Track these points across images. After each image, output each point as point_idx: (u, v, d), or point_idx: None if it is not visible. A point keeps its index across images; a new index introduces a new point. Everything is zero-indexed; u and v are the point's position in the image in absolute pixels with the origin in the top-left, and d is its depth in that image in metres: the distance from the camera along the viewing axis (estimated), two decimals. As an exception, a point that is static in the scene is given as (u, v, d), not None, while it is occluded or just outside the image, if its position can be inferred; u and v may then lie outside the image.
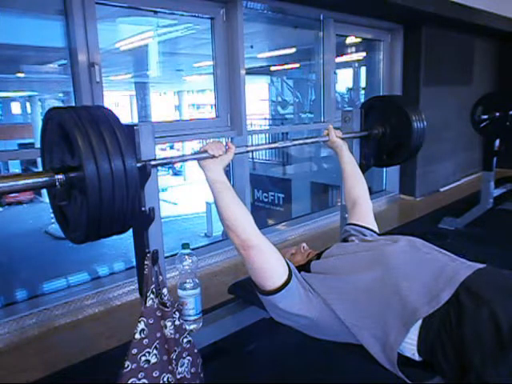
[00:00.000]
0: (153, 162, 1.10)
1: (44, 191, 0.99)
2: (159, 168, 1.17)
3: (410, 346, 0.96)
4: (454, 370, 0.91)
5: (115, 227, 0.93)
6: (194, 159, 1.21)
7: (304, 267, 1.20)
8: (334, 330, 1.08)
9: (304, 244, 1.38)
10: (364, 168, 1.86)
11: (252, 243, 1.08)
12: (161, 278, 1.12)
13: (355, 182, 1.56)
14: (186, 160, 1.25)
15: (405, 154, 1.87)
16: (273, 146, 1.51)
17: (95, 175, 0.82)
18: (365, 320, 1.02)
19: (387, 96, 2.86)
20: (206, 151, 1.19)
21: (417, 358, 0.97)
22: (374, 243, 1.24)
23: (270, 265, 1.09)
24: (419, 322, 0.95)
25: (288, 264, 1.11)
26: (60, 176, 0.90)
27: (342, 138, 1.63)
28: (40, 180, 0.90)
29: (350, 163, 1.59)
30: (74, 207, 0.92)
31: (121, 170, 0.86)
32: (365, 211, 1.46)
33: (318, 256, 1.28)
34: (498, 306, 0.89)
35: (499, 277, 1.02)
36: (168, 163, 1.23)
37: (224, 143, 1.24)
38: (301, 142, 1.63)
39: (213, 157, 1.19)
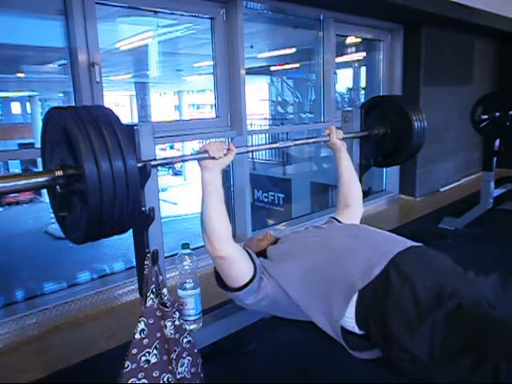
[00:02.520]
0: (153, 163, 1.09)
1: (44, 191, 0.99)
2: (159, 168, 1.17)
3: (350, 320, 1.05)
4: (381, 338, 1.00)
5: (115, 228, 0.93)
6: (194, 159, 1.21)
7: (264, 252, 1.29)
8: (288, 309, 1.17)
9: (271, 231, 1.44)
10: (364, 168, 1.86)
11: (222, 254, 1.14)
12: (161, 278, 1.12)
13: (351, 186, 1.57)
14: (187, 160, 1.26)
15: (405, 154, 1.86)
16: (274, 146, 1.51)
17: (95, 175, 0.82)
18: (312, 299, 1.11)
19: (387, 96, 2.86)
20: (206, 151, 1.18)
21: (357, 331, 1.06)
22: (323, 230, 1.34)
23: (236, 269, 1.16)
24: (355, 296, 1.03)
25: (253, 261, 1.18)
26: (60, 175, 0.89)
27: (343, 139, 1.63)
28: (40, 180, 0.90)
29: (347, 168, 1.60)
30: (73, 207, 0.92)
31: (121, 171, 0.85)
32: (354, 214, 1.52)
33: (276, 241, 1.37)
34: (418, 281, 0.97)
35: (426, 255, 1.11)
36: (168, 163, 1.23)
37: (225, 144, 1.23)
38: (302, 141, 1.63)
39: (213, 158, 1.18)
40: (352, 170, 1.61)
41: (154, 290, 1.09)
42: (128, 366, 1.02)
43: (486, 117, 2.98)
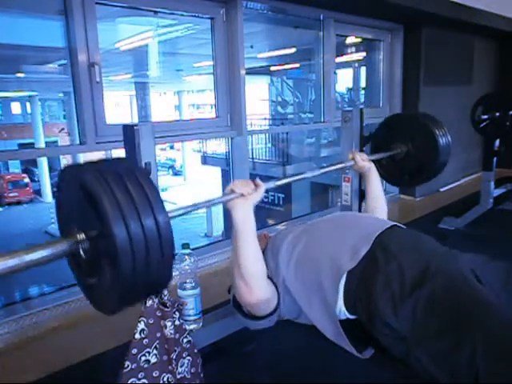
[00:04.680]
0: (173, 214, 0.98)
1: (45, 191, 0.97)
2: (159, 168, 1.17)
3: (340, 302, 1.06)
4: (366, 317, 1.02)
5: (151, 289, 0.84)
6: (222, 202, 1.12)
7: (263, 252, 1.28)
8: (291, 311, 1.18)
9: (266, 232, 1.45)
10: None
11: (261, 297, 1.10)
12: (161, 277, 1.12)
13: (378, 205, 1.60)
14: (213, 204, 1.13)
15: (432, 171, 1.81)
16: (301, 177, 1.44)
17: (125, 237, 0.71)
18: (308, 290, 1.12)
19: (407, 113, 2.79)
20: (233, 191, 1.12)
21: (348, 315, 1.07)
22: (313, 222, 1.37)
23: (265, 304, 1.13)
24: (344, 278, 1.05)
25: (277, 288, 1.16)
26: (83, 239, 0.78)
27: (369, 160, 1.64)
28: (60, 249, 0.78)
29: (377, 189, 1.62)
30: (101, 272, 0.80)
31: (153, 229, 0.74)
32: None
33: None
34: (404, 259, 1.00)
35: (412, 234, 1.14)
36: (190, 211, 1.06)
37: (250, 181, 1.18)
38: (327, 169, 1.55)
39: (241, 195, 1.12)
40: (381, 189, 1.63)
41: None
42: (128, 365, 1.02)
43: (486, 117, 2.98)
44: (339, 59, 3.84)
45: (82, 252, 0.78)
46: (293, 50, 6.26)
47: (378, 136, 1.93)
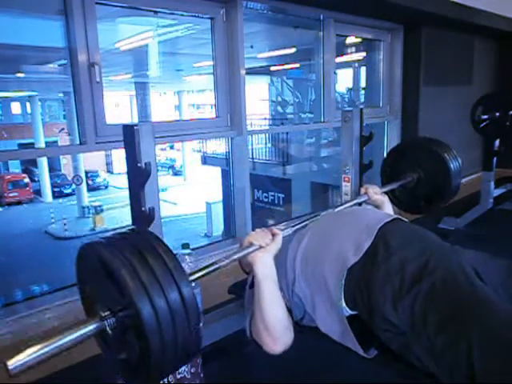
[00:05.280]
0: (194, 276, 0.98)
1: (45, 191, 0.97)
2: (159, 168, 1.17)
3: (341, 297, 1.05)
4: (366, 311, 1.01)
5: (181, 360, 0.83)
6: (243, 256, 1.10)
7: None
8: (296, 313, 1.17)
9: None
10: (363, 168, 1.85)
11: (281, 343, 1.09)
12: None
13: None
14: (234, 260, 1.10)
15: (446, 195, 1.81)
16: (318, 217, 1.39)
17: (151, 314, 0.70)
18: (312, 287, 1.11)
19: (412, 140, 2.76)
20: (251, 243, 1.10)
21: (348, 310, 1.06)
22: (319, 221, 1.35)
23: (287, 345, 1.11)
24: (345, 274, 1.04)
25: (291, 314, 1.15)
26: (109, 318, 0.77)
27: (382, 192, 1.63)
28: (88, 329, 0.76)
29: None
30: (130, 352, 0.79)
31: (178, 302, 0.73)
32: None
33: None
34: (406, 253, 1.00)
35: (414, 228, 1.15)
36: (211, 272, 1.06)
37: (267, 231, 1.16)
38: (343, 207, 1.50)
39: (260, 247, 1.10)
40: None
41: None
42: (128, 365, 1.02)
43: (486, 117, 2.99)
44: (339, 59, 3.84)
45: (108, 329, 0.77)
46: (293, 50, 6.26)
47: (386, 169, 1.96)
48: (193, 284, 0.84)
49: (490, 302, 0.86)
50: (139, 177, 1.14)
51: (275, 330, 1.07)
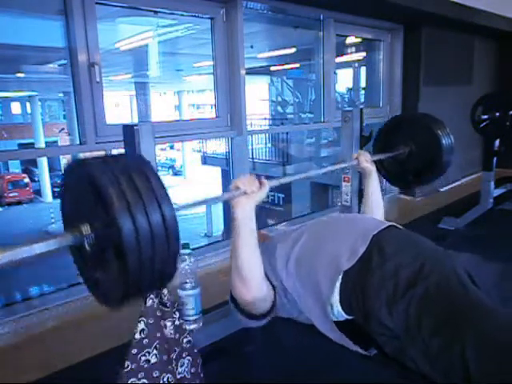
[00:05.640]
0: (178, 208, 0.95)
1: (45, 191, 0.97)
2: (159, 168, 1.17)
3: (336, 302, 1.07)
4: (362, 316, 1.02)
5: (156, 284, 0.84)
6: (227, 199, 1.13)
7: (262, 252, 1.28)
8: (288, 310, 1.19)
9: (265, 232, 1.47)
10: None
11: (258, 296, 1.12)
12: (161, 277, 1.12)
13: (375, 210, 1.60)
14: (218, 201, 1.17)
15: (436, 170, 1.82)
16: (304, 175, 1.45)
17: (132, 233, 0.71)
18: (305, 290, 1.12)
19: (407, 115, 2.78)
20: (237, 187, 1.12)
21: (345, 315, 1.07)
22: (314, 223, 1.39)
23: (260, 303, 1.15)
24: (340, 278, 1.06)
25: (274, 288, 1.17)
26: (88, 233, 0.78)
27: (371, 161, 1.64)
28: (65, 241, 0.78)
29: (375, 192, 1.62)
30: (107, 270, 0.80)
31: (160, 223, 0.75)
32: None
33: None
34: (400, 259, 1.01)
35: (408, 234, 1.16)
36: (195, 206, 1.09)
37: (255, 177, 1.18)
38: (329, 169, 1.58)
39: (245, 194, 1.12)
40: (379, 193, 1.63)
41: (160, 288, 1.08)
42: (128, 365, 1.02)
43: (486, 117, 2.99)
44: (339, 59, 3.84)
45: (86, 245, 0.78)
46: (293, 50, 6.26)
47: (379, 139, 1.94)
48: (177, 214, 0.82)
49: (484, 305, 0.87)
50: (139, 177, 1.14)
51: (248, 278, 1.09)
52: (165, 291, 1.11)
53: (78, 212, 0.84)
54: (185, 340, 1.15)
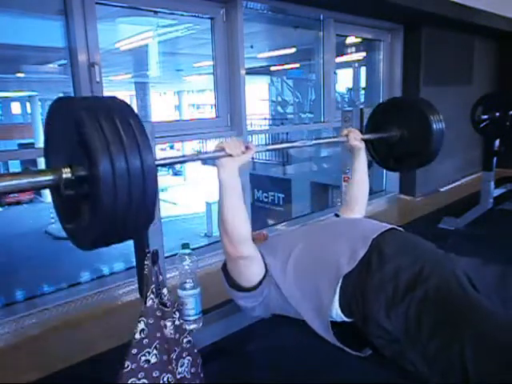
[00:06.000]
0: (159, 162, 1.01)
1: (45, 192, 0.97)
2: (159, 168, 1.17)
3: (335, 305, 1.06)
4: (361, 318, 1.02)
5: (128, 234, 0.85)
6: (210, 157, 1.18)
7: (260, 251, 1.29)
8: (282, 307, 1.19)
9: (264, 231, 1.46)
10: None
11: (244, 254, 1.13)
12: (161, 277, 1.12)
13: (360, 190, 1.59)
14: (201, 159, 1.22)
15: (419, 159, 1.80)
16: (292, 145, 1.46)
17: (110, 175, 0.72)
18: (303, 292, 1.12)
19: (405, 97, 2.74)
20: (223, 149, 1.14)
21: (344, 317, 1.07)
22: (313, 225, 1.42)
23: (253, 269, 1.16)
24: (341, 281, 1.06)
25: (264, 261, 1.19)
26: (68, 174, 0.78)
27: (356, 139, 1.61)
28: (45, 178, 0.79)
29: (361, 170, 1.60)
30: (81, 211, 0.81)
31: (138, 170, 0.75)
32: (356, 212, 1.55)
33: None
34: (400, 262, 1.01)
35: (408, 237, 1.16)
36: (178, 163, 1.17)
37: (243, 142, 1.20)
38: (320, 141, 1.60)
39: (230, 155, 1.14)
40: (365, 172, 1.61)
41: (153, 289, 1.08)
42: (128, 365, 1.02)
43: (486, 117, 2.98)
44: (339, 59, 3.84)
45: (65, 184, 0.79)
46: (293, 50, 6.26)
47: (373, 117, 1.90)
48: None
49: (483, 307, 0.87)
50: (139, 177, 1.14)
51: (234, 234, 1.11)
52: (165, 291, 1.12)
53: (59, 151, 0.85)
54: (185, 340, 1.15)
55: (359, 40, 3.85)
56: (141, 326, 1.05)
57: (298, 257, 1.17)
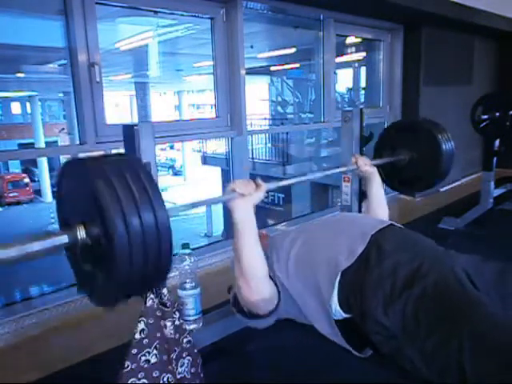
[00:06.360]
0: (172, 211, 0.95)
1: (45, 191, 0.97)
2: (159, 168, 1.17)
3: (334, 301, 1.06)
4: (359, 314, 1.01)
5: (148, 285, 0.85)
6: (223, 201, 1.16)
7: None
8: (291, 311, 1.18)
9: (264, 231, 1.45)
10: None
11: (265, 296, 1.12)
12: (161, 277, 1.12)
13: (378, 211, 1.57)
14: (213, 203, 1.20)
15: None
16: (305, 178, 1.45)
17: (124, 232, 0.71)
18: (305, 289, 1.12)
19: (414, 120, 2.71)
20: (234, 190, 1.13)
21: (343, 313, 1.07)
22: (314, 223, 1.41)
23: (266, 302, 1.14)
24: (339, 277, 1.05)
25: (277, 286, 1.17)
26: (82, 233, 0.78)
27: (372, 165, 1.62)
28: (60, 241, 0.78)
29: (377, 194, 1.60)
30: (100, 270, 0.81)
31: (152, 225, 0.75)
32: None
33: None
34: (397, 259, 1.01)
35: (407, 233, 1.15)
36: (191, 208, 1.12)
37: (251, 181, 1.20)
38: (328, 172, 1.57)
39: (242, 195, 1.13)
40: (382, 195, 1.61)
41: (153, 290, 1.08)
42: (128, 365, 1.02)
43: (486, 117, 2.99)
44: (339, 59, 3.84)
45: (81, 245, 0.78)
46: (293, 50, 6.26)
47: (382, 140, 1.93)
48: (171, 218, 0.82)
49: (481, 304, 0.87)
50: (139, 177, 1.14)
51: (252, 278, 1.09)
52: (165, 291, 1.12)
53: (72, 210, 0.84)
54: (185, 340, 1.15)
55: (359, 40, 3.85)
56: (141, 325, 1.05)
57: (299, 253, 1.17)
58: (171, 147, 19.30)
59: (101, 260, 0.78)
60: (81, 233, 0.78)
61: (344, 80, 6.36)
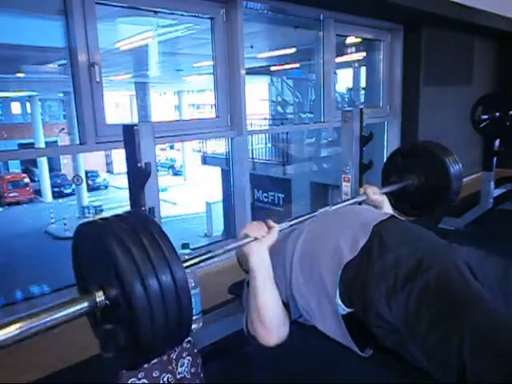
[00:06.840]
0: (190, 262, 1.02)
1: (45, 191, 0.97)
2: (159, 168, 1.17)
3: (337, 294, 1.05)
4: (361, 307, 1.01)
5: (170, 344, 0.84)
6: (237, 248, 1.14)
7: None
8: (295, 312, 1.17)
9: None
10: (363, 168, 1.84)
11: (276, 336, 1.11)
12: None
13: None
14: (229, 251, 1.15)
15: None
16: (313, 214, 1.42)
17: (143, 295, 0.71)
18: (309, 284, 1.11)
19: (423, 143, 2.72)
20: (246, 235, 1.13)
21: (344, 307, 1.05)
22: (318, 219, 1.38)
23: (280, 338, 1.13)
24: (342, 269, 1.05)
25: (288, 309, 1.16)
26: (101, 297, 0.78)
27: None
28: (80, 307, 0.77)
29: None
30: (122, 332, 0.80)
31: (170, 285, 0.75)
32: None
33: None
34: (400, 252, 1.00)
35: (410, 226, 1.16)
36: (206, 260, 1.12)
37: (262, 223, 1.19)
38: (341, 204, 1.53)
39: (255, 239, 1.13)
40: None
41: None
42: (128, 365, 1.02)
43: (486, 117, 2.99)
44: (339, 59, 3.84)
45: (101, 309, 0.78)
46: (293, 50, 6.26)
47: (389, 166, 1.95)
48: (188, 270, 0.85)
49: (483, 300, 0.86)
50: (139, 177, 1.15)
51: (269, 321, 1.09)
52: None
53: (90, 274, 0.84)
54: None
55: (359, 40, 3.84)
56: (141, 325, 1.04)
57: (302, 247, 1.16)
58: (171, 147, 19.30)
59: (121, 321, 0.77)
60: (100, 298, 0.78)
61: (344, 80, 6.36)
